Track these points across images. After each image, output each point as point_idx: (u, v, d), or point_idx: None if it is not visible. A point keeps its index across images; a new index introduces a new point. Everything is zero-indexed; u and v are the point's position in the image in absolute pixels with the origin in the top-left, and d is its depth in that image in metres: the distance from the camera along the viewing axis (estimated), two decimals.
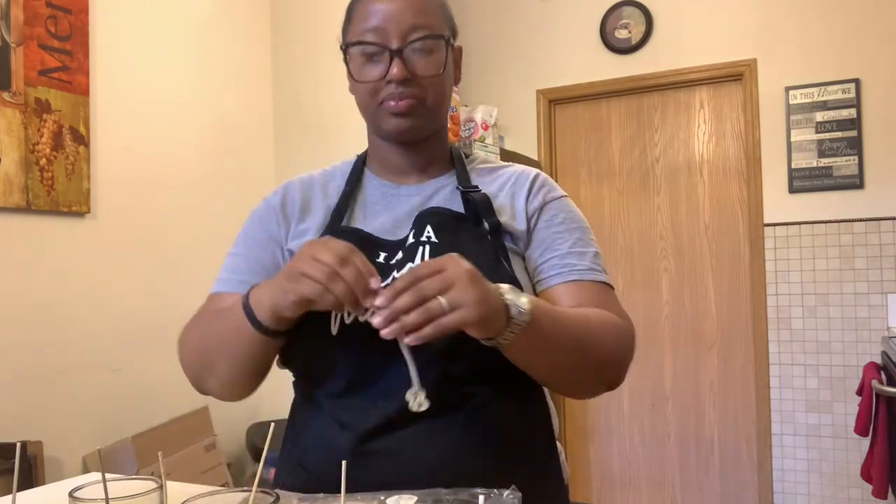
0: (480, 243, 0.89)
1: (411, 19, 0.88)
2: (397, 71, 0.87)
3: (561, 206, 0.97)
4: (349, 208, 0.97)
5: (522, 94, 3.66)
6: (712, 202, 3.36)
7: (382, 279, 0.84)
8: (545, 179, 1.00)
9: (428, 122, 0.93)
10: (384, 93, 0.89)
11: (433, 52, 0.89)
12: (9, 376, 2.03)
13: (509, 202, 0.96)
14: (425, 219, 0.91)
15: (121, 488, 0.64)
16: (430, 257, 0.87)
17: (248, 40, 3.01)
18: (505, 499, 0.70)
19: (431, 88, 0.90)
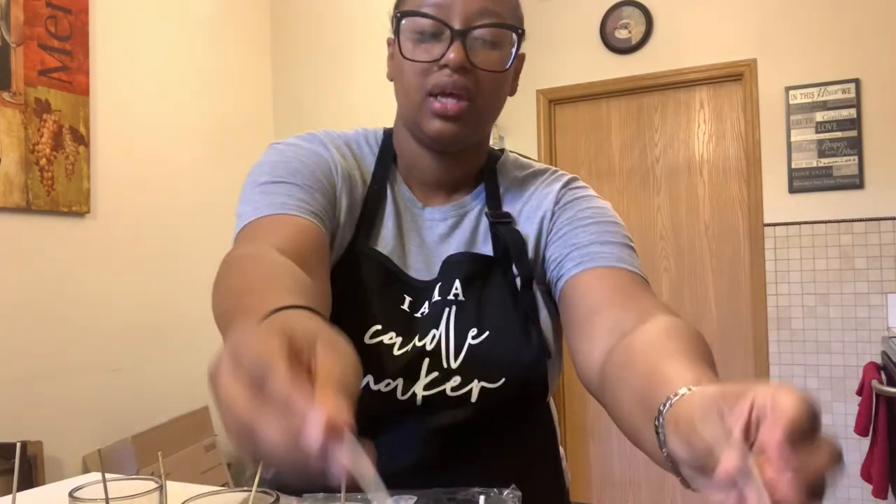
0: (510, 300, 0.80)
1: (482, 3, 0.74)
2: (455, 56, 0.73)
3: (586, 201, 0.87)
4: (373, 220, 0.83)
5: (522, 94, 3.66)
6: (712, 202, 3.36)
7: (405, 331, 0.76)
8: (562, 186, 0.89)
9: (475, 130, 0.81)
10: (433, 80, 0.75)
11: (500, 45, 0.77)
12: (9, 376, 2.03)
13: (533, 231, 0.85)
14: (453, 267, 0.81)
15: (121, 488, 0.64)
16: (456, 323, 0.78)
17: (248, 40, 3.01)
18: (504, 498, 0.70)
19: (488, 87, 0.77)
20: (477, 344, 0.78)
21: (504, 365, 0.77)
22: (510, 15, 0.78)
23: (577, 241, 0.80)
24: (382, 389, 0.76)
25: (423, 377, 0.76)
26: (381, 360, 0.76)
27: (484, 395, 0.77)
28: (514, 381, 0.77)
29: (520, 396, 0.80)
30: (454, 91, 0.75)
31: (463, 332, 0.78)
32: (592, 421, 3.56)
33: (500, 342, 0.78)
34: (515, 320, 0.79)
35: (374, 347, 0.77)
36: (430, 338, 0.78)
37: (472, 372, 0.77)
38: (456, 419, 0.77)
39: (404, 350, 0.77)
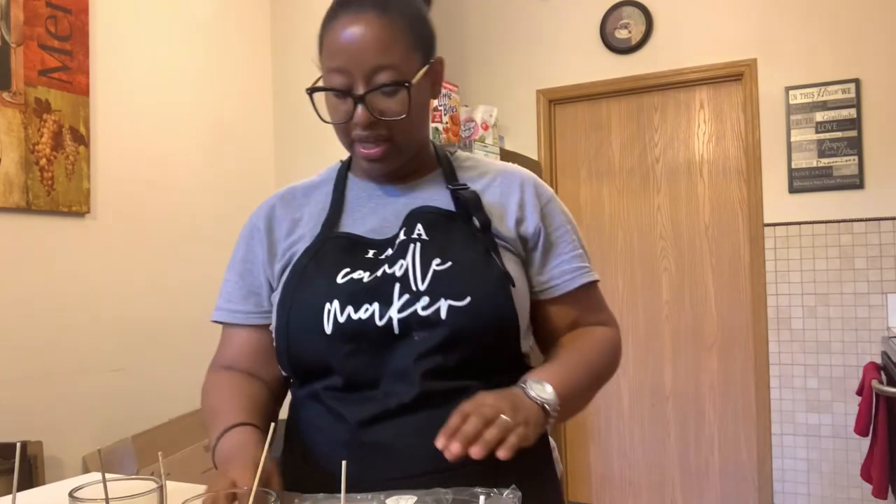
0: (471, 239, 0.91)
1: (374, 60, 0.85)
2: (362, 116, 0.87)
3: (556, 207, 1.00)
4: (339, 213, 0.98)
5: (522, 94, 3.66)
6: (712, 202, 3.36)
7: (372, 272, 0.88)
8: (535, 181, 1.01)
9: (402, 156, 0.94)
10: (352, 133, 0.90)
11: (398, 94, 0.87)
12: (9, 376, 2.03)
13: (497, 202, 0.97)
14: (416, 217, 0.93)
15: (121, 488, 0.64)
16: (421, 254, 0.89)
17: (248, 40, 3.00)
18: (505, 498, 0.70)
19: (399, 127, 0.89)
20: (441, 270, 0.87)
21: (468, 286, 0.86)
22: (404, 56, 0.87)
23: (563, 254, 0.98)
24: (362, 317, 0.86)
25: (396, 300, 0.86)
26: (354, 290, 0.87)
27: (452, 312, 0.85)
28: (480, 300, 0.86)
29: (491, 325, 0.87)
30: (371, 140, 0.89)
31: (427, 262, 0.88)
32: (592, 421, 3.56)
33: (463, 269, 0.88)
34: (476, 253, 0.89)
35: (346, 283, 0.88)
36: (398, 266, 0.88)
37: (438, 291, 0.86)
38: (432, 341, 0.85)
39: (374, 277, 0.88)
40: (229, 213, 2.81)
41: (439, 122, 2.99)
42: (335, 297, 0.87)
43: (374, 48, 0.86)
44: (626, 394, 3.49)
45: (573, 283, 0.97)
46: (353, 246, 0.92)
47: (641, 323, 3.47)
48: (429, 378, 0.85)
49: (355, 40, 0.86)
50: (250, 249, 1.01)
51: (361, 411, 0.86)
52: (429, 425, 0.81)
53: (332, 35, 0.88)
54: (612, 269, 3.54)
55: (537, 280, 0.97)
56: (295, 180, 1.09)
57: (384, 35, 0.86)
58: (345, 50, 0.86)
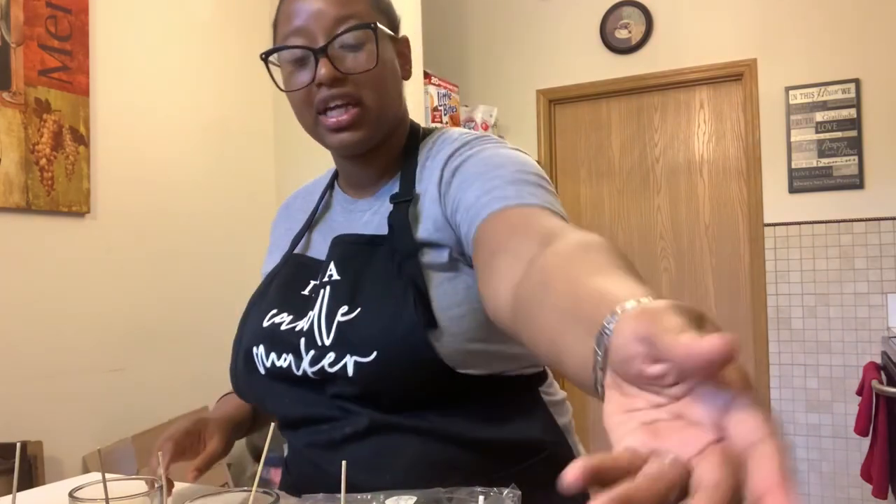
0: (390, 274, 0.79)
1: (335, 12, 0.78)
2: (325, 71, 0.77)
3: (473, 159, 0.81)
4: (316, 224, 0.95)
5: (522, 94, 3.66)
6: (712, 202, 3.36)
7: (296, 317, 0.84)
8: (451, 149, 0.83)
9: (376, 128, 0.82)
10: (318, 99, 0.79)
11: (364, 45, 0.79)
12: (9, 376, 2.03)
13: (430, 194, 0.83)
14: (334, 248, 0.86)
15: (121, 488, 0.64)
16: (329, 301, 0.81)
17: (248, 40, 3.00)
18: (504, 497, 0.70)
19: (369, 85, 0.79)
20: (345, 321, 0.79)
21: (374, 339, 0.76)
22: (366, 10, 0.80)
23: (467, 201, 0.76)
24: (282, 365, 0.83)
25: (304, 355, 0.81)
26: (274, 338, 0.84)
27: (359, 369, 0.76)
28: (387, 354, 0.75)
29: (404, 377, 0.76)
30: (339, 103, 0.79)
31: (333, 310, 0.80)
32: (592, 421, 3.56)
33: (371, 317, 0.78)
34: (393, 294, 0.77)
35: (268, 328, 0.86)
36: (306, 318, 0.83)
37: (343, 347, 0.78)
38: (351, 392, 0.79)
39: (290, 327, 0.84)
40: (229, 213, 2.81)
41: (439, 122, 2.99)
42: (260, 342, 0.86)
43: (333, 2, 0.78)
44: None
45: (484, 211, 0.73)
46: (300, 272, 0.89)
47: None
48: (369, 413, 0.79)
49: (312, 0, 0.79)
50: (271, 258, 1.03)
51: (313, 443, 0.84)
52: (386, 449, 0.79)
53: (287, 3, 0.82)
54: None
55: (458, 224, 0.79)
56: (295, 180, 1.10)
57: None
58: (302, 8, 0.79)
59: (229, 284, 2.77)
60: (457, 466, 0.79)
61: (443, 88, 3.02)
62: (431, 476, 0.74)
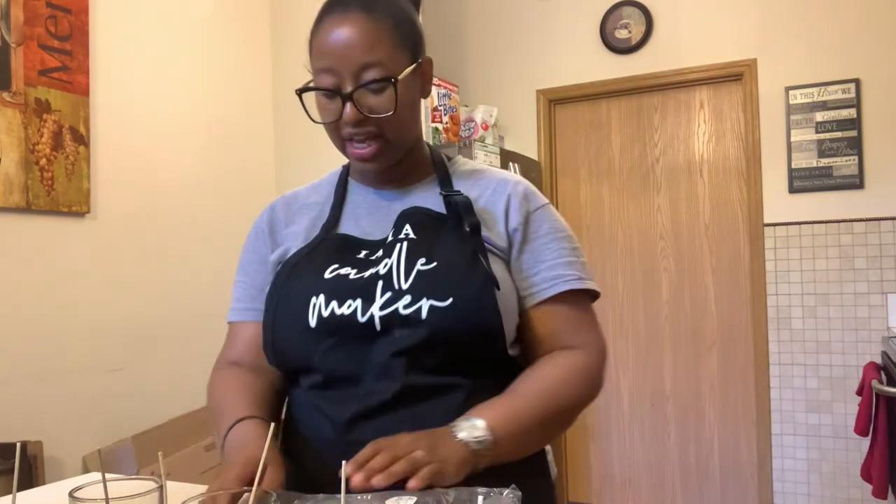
0: (459, 242, 0.91)
1: (361, 58, 0.87)
2: (350, 113, 0.89)
3: (546, 215, 0.99)
4: (337, 216, 1.01)
5: (522, 94, 3.66)
6: (712, 202, 3.36)
7: (360, 270, 0.90)
8: (526, 188, 1.00)
9: (393, 155, 0.95)
10: (343, 131, 0.92)
11: (385, 90, 0.89)
12: (9, 376, 2.03)
13: (488, 208, 0.98)
14: (405, 218, 0.94)
15: (121, 488, 0.64)
16: (407, 254, 0.89)
17: (248, 40, 3.01)
18: (504, 498, 0.70)
19: (389, 124, 0.90)
20: (425, 269, 0.87)
21: (451, 287, 0.86)
22: (391, 54, 0.89)
23: (545, 261, 0.96)
24: (345, 312, 0.86)
25: (379, 298, 0.86)
26: (339, 286, 0.88)
27: (433, 312, 0.84)
28: (462, 302, 0.85)
29: (472, 327, 0.86)
30: (362, 138, 0.91)
31: (412, 261, 0.88)
32: (592, 421, 3.56)
33: (448, 270, 0.88)
34: (463, 255, 0.89)
35: (332, 279, 0.90)
36: (383, 265, 0.89)
37: (421, 291, 0.86)
38: (413, 339, 0.85)
39: (360, 276, 0.89)
40: (229, 213, 2.81)
41: (439, 122, 2.99)
42: (321, 291, 0.89)
43: (361, 47, 0.88)
44: (626, 394, 3.49)
45: (553, 289, 0.94)
46: (347, 246, 0.94)
47: (641, 323, 3.47)
48: (410, 375, 0.85)
49: (342, 40, 0.88)
50: (256, 250, 1.05)
51: (344, 410, 0.87)
52: (412, 423, 0.83)
53: (319, 38, 0.91)
54: (612, 269, 3.54)
55: (521, 287, 0.95)
56: (295, 181, 1.11)
57: (370, 34, 0.88)
58: (332, 50, 0.89)
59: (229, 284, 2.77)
60: None
61: (443, 88, 3.02)
62: None
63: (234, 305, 1.06)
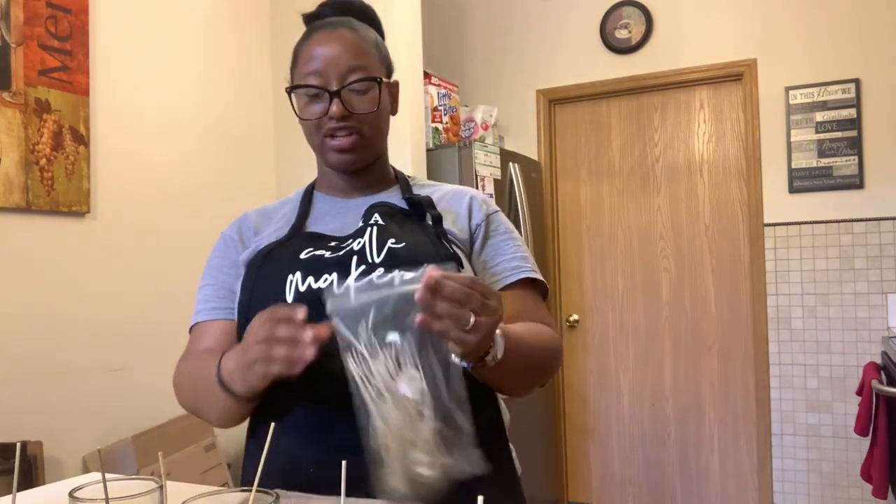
0: (423, 230, 0.99)
1: (348, 62, 0.97)
2: (337, 109, 0.96)
3: (501, 218, 1.10)
4: (305, 221, 1.06)
5: (522, 94, 3.66)
6: (712, 202, 3.36)
7: (335, 252, 0.95)
8: (483, 196, 1.12)
9: (368, 153, 1.03)
10: (325, 127, 0.99)
11: (368, 91, 0.99)
12: (9, 376, 2.03)
13: (448, 207, 1.06)
14: (373, 209, 1.02)
15: (121, 488, 0.64)
16: (378, 235, 0.95)
17: (248, 40, 3.01)
18: None
19: (368, 123, 1.00)
20: (396, 247, 0.94)
21: (420, 261, 0.87)
22: (373, 63, 1.00)
23: (505, 254, 1.05)
24: (322, 286, 0.90)
25: (354, 270, 0.92)
26: (315, 263, 0.93)
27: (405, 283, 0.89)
28: None
29: None
30: (344, 133, 0.99)
31: (383, 240, 0.95)
32: (592, 421, 3.56)
33: (416, 248, 0.94)
34: (428, 238, 0.97)
35: (308, 258, 0.94)
36: (357, 243, 0.96)
37: (392, 264, 0.90)
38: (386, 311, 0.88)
39: (335, 255, 0.94)
40: (229, 213, 2.80)
41: (439, 122, 2.99)
42: (297, 269, 0.93)
43: (348, 53, 0.98)
44: (626, 394, 3.49)
45: (516, 275, 1.03)
46: (320, 238, 1.00)
47: (641, 323, 3.47)
48: None
49: (331, 47, 0.98)
50: (224, 255, 1.09)
51: (325, 384, 0.86)
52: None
53: (308, 47, 1.00)
54: (612, 269, 3.54)
55: (485, 275, 1.03)
56: (295, 180, 1.13)
57: (356, 44, 0.99)
58: (321, 55, 0.98)
59: None
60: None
61: (443, 88, 3.02)
62: None
63: (200, 308, 1.08)
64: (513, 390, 0.98)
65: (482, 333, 0.75)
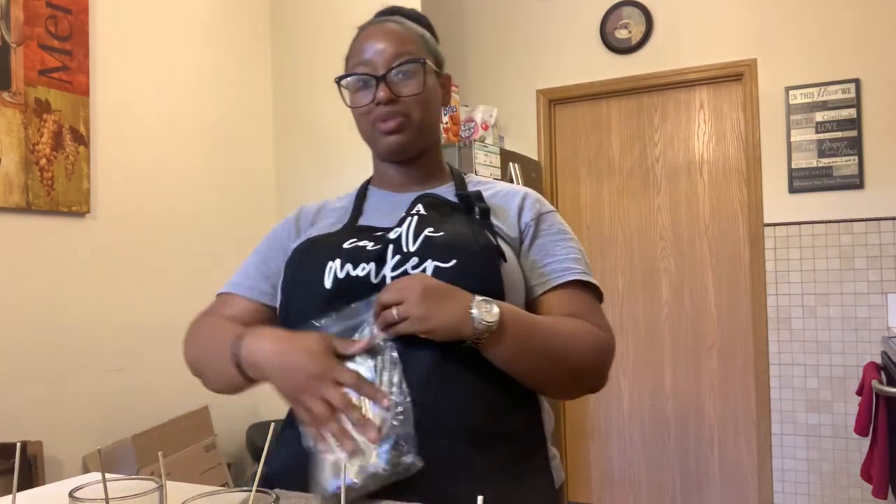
0: (468, 222, 0.99)
1: (394, 49, 1.01)
2: (383, 94, 1.00)
3: (554, 218, 1.08)
4: (357, 216, 1.08)
5: (522, 94, 3.66)
6: (712, 202, 3.36)
7: (377, 244, 0.96)
8: (538, 195, 1.10)
9: (418, 137, 1.05)
10: (374, 114, 1.02)
11: (414, 76, 1.02)
12: (9, 376, 2.03)
13: (500, 204, 1.06)
14: (418, 199, 1.03)
15: (121, 488, 0.64)
16: (416, 227, 0.96)
17: (248, 40, 3.01)
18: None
19: (416, 106, 1.02)
20: (433, 236, 0.95)
21: (455, 251, 0.92)
22: (418, 50, 1.04)
23: (556, 255, 1.03)
24: (360, 274, 0.93)
25: (390, 260, 0.93)
26: (356, 253, 0.95)
27: (437, 272, 0.90)
28: (465, 263, 0.91)
29: (474, 288, 0.89)
30: (389, 116, 1.01)
31: (421, 229, 0.96)
32: (592, 421, 3.56)
33: (454, 238, 0.94)
34: (472, 229, 0.96)
35: (350, 248, 0.97)
36: (394, 233, 0.97)
37: (426, 253, 0.92)
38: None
39: (376, 247, 0.95)
40: (229, 213, 2.81)
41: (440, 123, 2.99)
42: (338, 257, 0.95)
43: (395, 41, 1.02)
44: (626, 394, 3.49)
45: (565, 277, 1.01)
46: (367, 230, 1.02)
47: (641, 323, 3.47)
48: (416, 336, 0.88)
49: (379, 38, 1.03)
50: (279, 236, 1.12)
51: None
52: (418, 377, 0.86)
53: (356, 43, 1.05)
54: (612, 269, 3.54)
55: (530, 276, 1.01)
56: (295, 181, 1.15)
57: (402, 34, 1.04)
58: (369, 46, 1.03)
59: None
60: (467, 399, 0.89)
61: None
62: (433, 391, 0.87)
63: (238, 280, 1.10)
64: (532, 380, 0.94)
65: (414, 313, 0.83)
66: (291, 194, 3.01)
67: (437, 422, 0.85)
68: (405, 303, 0.83)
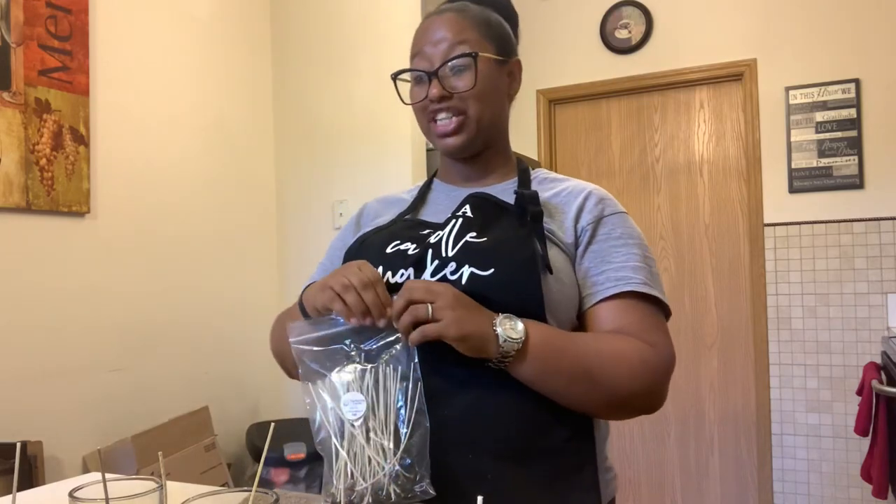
0: (516, 226, 0.92)
1: (448, 42, 0.98)
2: (435, 91, 0.97)
3: (619, 220, 0.99)
4: (418, 208, 1.08)
5: (522, 94, 3.64)
6: (712, 202, 3.36)
7: (419, 246, 0.94)
8: (605, 194, 1.02)
9: (477, 135, 1.01)
10: (429, 111, 1.00)
11: (467, 69, 0.97)
12: (9, 376, 2.03)
13: (559, 205, 1.00)
14: (467, 200, 0.99)
15: (121, 488, 0.64)
16: (459, 228, 0.93)
17: (248, 41, 3.01)
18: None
19: (472, 101, 0.98)
20: (473, 241, 0.91)
21: (495, 259, 0.88)
22: (475, 41, 0.99)
23: (612, 262, 0.94)
24: (399, 281, 0.91)
25: (429, 265, 0.90)
26: (397, 258, 0.93)
27: (473, 279, 0.86)
28: (503, 273, 0.86)
29: (511, 299, 0.85)
30: (445, 114, 0.99)
31: (463, 233, 0.92)
32: None
33: (495, 244, 0.90)
34: (516, 236, 0.90)
35: (392, 253, 0.95)
36: (436, 237, 0.94)
37: (464, 259, 0.88)
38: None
39: (417, 251, 0.93)
40: (229, 213, 2.81)
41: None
42: (380, 263, 0.93)
43: (450, 32, 0.98)
44: None
45: (616, 288, 0.91)
46: (416, 226, 1.00)
47: None
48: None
49: (434, 29, 1.00)
50: (342, 238, 1.13)
51: None
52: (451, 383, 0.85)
53: (417, 33, 1.03)
54: None
55: (585, 286, 0.94)
56: (294, 181, 1.14)
57: (459, 23, 0.99)
58: (425, 38, 1.00)
59: (229, 284, 2.77)
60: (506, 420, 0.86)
61: None
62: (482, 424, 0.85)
63: (315, 275, 1.12)
64: (566, 402, 0.87)
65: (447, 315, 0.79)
66: (291, 194, 3.01)
67: (465, 436, 0.83)
68: (438, 303, 0.80)
